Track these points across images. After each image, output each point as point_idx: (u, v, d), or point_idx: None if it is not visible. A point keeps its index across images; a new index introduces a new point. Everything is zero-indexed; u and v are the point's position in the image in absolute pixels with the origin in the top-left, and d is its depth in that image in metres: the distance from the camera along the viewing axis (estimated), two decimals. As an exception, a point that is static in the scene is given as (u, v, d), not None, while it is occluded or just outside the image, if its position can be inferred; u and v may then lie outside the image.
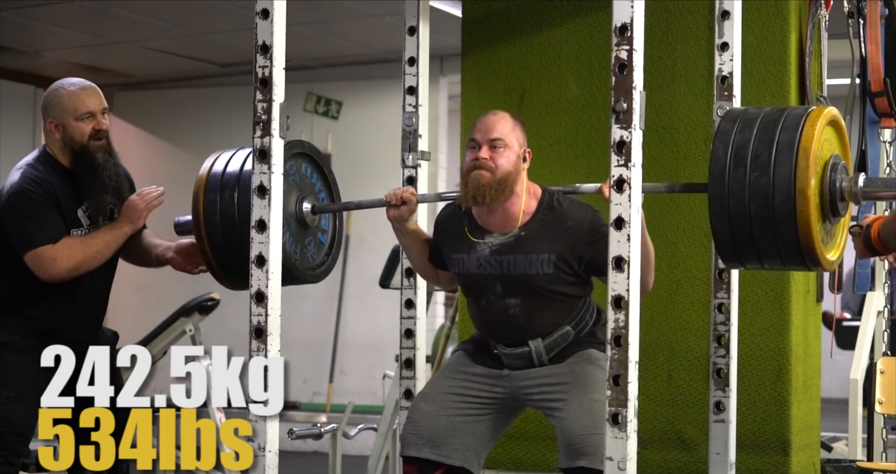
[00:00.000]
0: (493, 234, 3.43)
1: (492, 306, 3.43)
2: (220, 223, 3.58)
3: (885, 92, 4.27)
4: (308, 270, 3.70)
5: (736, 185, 3.11)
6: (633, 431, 2.96)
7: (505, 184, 3.37)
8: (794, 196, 3.06)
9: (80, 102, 3.73)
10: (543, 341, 3.42)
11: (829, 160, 3.19)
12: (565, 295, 3.41)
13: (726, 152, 3.14)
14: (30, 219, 3.61)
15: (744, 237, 3.14)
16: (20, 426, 3.62)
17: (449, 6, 6.85)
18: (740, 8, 3.62)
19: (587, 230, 3.38)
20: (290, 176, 3.61)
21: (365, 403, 8.83)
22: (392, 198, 3.50)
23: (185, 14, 7.87)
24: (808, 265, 3.18)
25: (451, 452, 3.43)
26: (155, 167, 9.85)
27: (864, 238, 3.51)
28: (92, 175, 3.70)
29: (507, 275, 3.40)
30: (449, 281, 3.63)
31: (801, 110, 3.19)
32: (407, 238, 3.58)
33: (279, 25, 3.36)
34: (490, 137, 3.38)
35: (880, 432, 4.82)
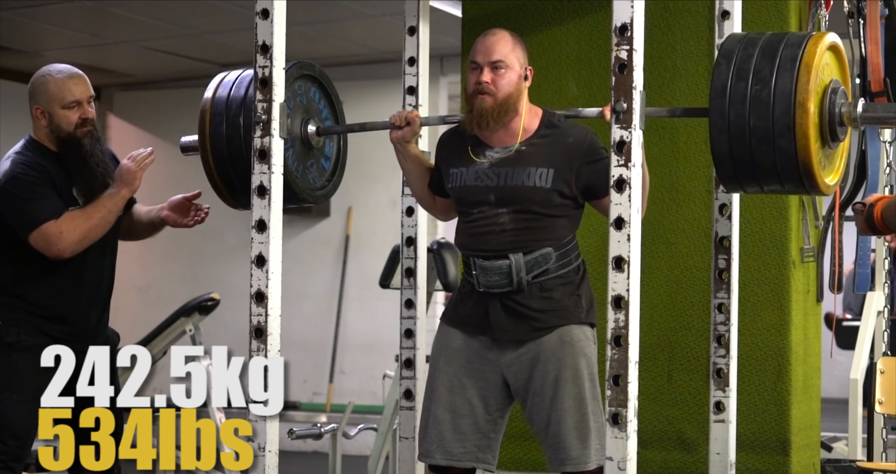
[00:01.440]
0: (493, 149, 3.44)
1: (483, 216, 3.42)
2: (224, 135, 3.59)
3: (885, 92, 4.27)
4: (309, 190, 3.70)
5: (737, 99, 3.12)
6: (633, 431, 2.96)
7: (507, 106, 3.39)
8: (794, 108, 3.07)
9: (67, 91, 3.73)
10: (524, 257, 3.38)
11: (829, 84, 3.20)
12: (556, 216, 3.39)
13: (729, 67, 3.15)
14: (28, 200, 3.63)
15: (743, 152, 3.13)
16: (21, 430, 3.61)
17: (449, 6, 6.85)
18: (740, 8, 3.62)
19: (587, 148, 3.39)
20: (298, 96, 3.60)
21: (365, 403, 8.83)
22: (396, 119, 3.51)
23: (185, 14, 7.87)
24: (806, 187, 3.18)
25: (461, 454, 3.43)
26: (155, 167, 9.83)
27: (866, 216, 3.54)
28: (80, 161, 3.72)
29: (503, 187, 3.40)
30: (445, 209, 3.62)
31: (804, 34, 3.22)
32: (408, 161, 3.58)
33: (279, 25, 3.36)
34: (491, 59, 3.40)
35: (880, 432, 4.83)
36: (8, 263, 3.68)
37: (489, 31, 3.46)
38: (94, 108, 3.79)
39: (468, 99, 3.43)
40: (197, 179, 3.75)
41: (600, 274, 3.29)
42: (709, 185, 3.99)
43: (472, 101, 3.41)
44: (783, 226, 4.17)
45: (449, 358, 3.49)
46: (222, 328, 6.92)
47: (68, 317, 3.67)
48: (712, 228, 3.61)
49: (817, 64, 3.10)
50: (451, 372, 3.47)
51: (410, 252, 3.99)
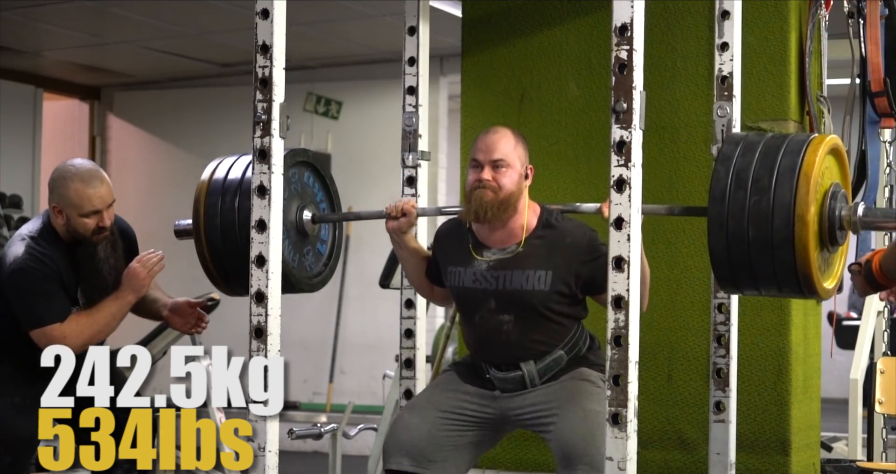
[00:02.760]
0: (492, 250, 3.43)
1: (485, 323, 3.42)
2: (219, 227, 3.58)
3: (885, 92, 4.27)
4: (305, 279, 3.70)
5: (736, 208, 3.12)
6: (633, 431, 2.96)
7: (508, 203, 3.37)
8: (794, 221, 3.07)
9: (87, 200, 3.68)
10: (536, 364, 3.41)
11: (829, 188, 3.19)
12: (559, 314, 3.40)
13: (727, 175, 3.15)
14: (36, 296, 3.61)
15: (741, 261, 3.14)
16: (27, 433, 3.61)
17: (449, 6, 6.85)
18: (740, 8, 3.62)
19: (586, 248, 3.38)
20: (292, 184, 3.61)
21: (365, 403, 8.83)
22: (392, 209, 3.49)
23: (185, 14, 7.87)
24: (805, 292, 3.19)
25: (430, 464, 3.40)
26: (155, 167, 9.85)
27: (864, 273, 3.48)
28: (90, 266, 3.69)
29: (502, 291, 3.39)
30: (444, 297, 3.62)
31: (803, 137, 3.19)
32: (405, 251, 3.57)
33: (279, 25, 3.36)
34: (492, 158, 3.38)
35: (880, 432, 4.82)
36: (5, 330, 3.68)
37: (490, 129, 3.45)
38: (113, 212, 3.75)
39: (467, 194, 3.40)
40: (196, 180, 3.74)
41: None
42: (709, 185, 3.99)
43: (472, 194, 3.38)
44: (783, 226, 4.17)
45: (445, 388, 3.50)
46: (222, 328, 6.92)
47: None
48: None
49: (816, 174, 3.09)
50: (443, 395, 3.47)
51: (410, 252, 3.98)
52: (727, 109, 3.55)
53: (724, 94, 3.57)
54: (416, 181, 3.97)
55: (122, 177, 10.09)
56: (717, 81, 3.61)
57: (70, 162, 3.76)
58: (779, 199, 3.08)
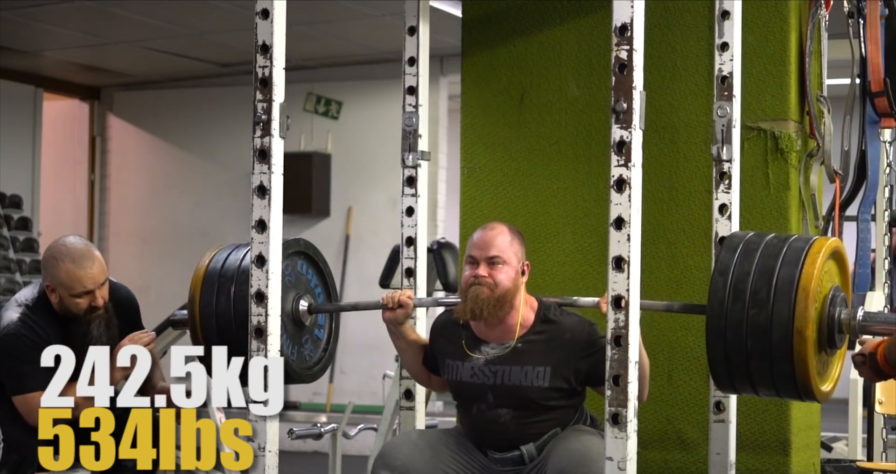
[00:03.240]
0: (489, 345, 3.44)
1: (482, 415, 3.44)
2: (215, 325, 3.57)
3: (885, 92, 4.26)
4: (305, 371, 3.71)
5: (734, 320, 3.14)
6: (633, 431, 2.96)
7: (504, 300, 3.38)
8: (792, 336, 3.08)
9: (77, 282, 3.71)
10: (535, 444, 3.43)
11: (828, 293, 3.20)
12: (557, 407, 3.43)
13: (725, 285, 3.16)
14: (21, 363, 3.63)
15: (740, 369, 3.17)
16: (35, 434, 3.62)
17: (449, 6, 6.86)
18: (740, 8, 3.62)
19: (584, 343, 3.39)
20: (286, 276, 3.58)
21: (365, 403, 8.83)
22: (388, 300, 3.51)
23: (185, 14, 7.88)
24: (803, 397, 3.22)
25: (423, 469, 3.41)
26: (155, 167, 9.84)
27: (870, 365, 3.45)
28: (83, 344, 3.63)
29: (500, 386, 3.41)
30: (441, 385, 3.64)
31: (802, 243, 3.19)
32: (401, 341, 3.59)
33: (279, 25, 3.36)
34: (488, 255, 3.39)
35: (880, 432, 4.82)
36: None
37: (487, 225, 3.46)
38: (106, 291, 3.75)
39: (463, 290, 3.41)
40: (196, 180, 3.74)
41: (600, 274, 3.29)
42: (709, 185, 3.99)
43: (468, 290, 3.38)
44: (783, 226, 4.16)
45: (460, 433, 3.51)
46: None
47: None
48: (712, 228, 3.61)
49: (815, 287, 3.09)
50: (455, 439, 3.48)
51: (410, 252, 3.99)
52: (727, 109, 3.55)
53: (724, 94, 3.57)
54: (416, 181, 3.97)
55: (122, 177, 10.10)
56: (717, 81, 3.61)
57: (62, 240, 3.78)
58: (777, 314, 3.09)
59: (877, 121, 4.49)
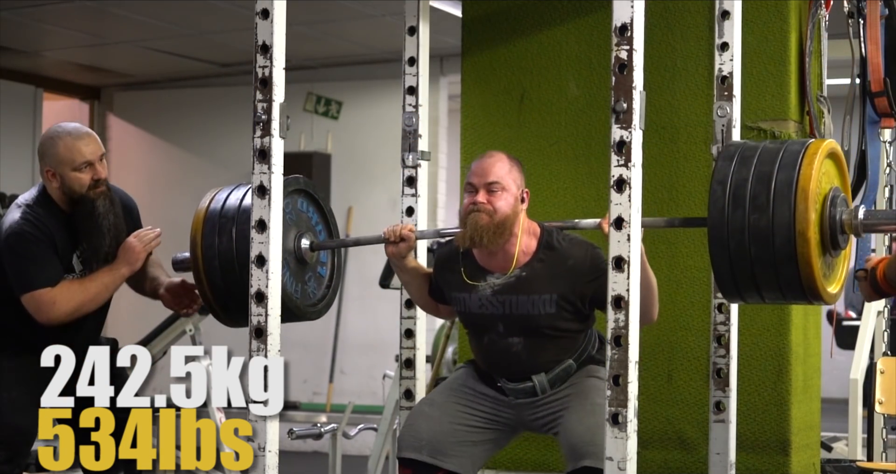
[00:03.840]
0: (493, 275, 3.43)
1: (494, 344, 3.44)
2: (218, 266, 3.56)
3: (885, 92, 4.26)
4: (309, 307, 3.70)
5: (735, 227, 3.11)
6: (633, 431, 2.96)
7: (503, 227, 3.37)
8: (795, 238, 3.06)
9: (77, 153, 3.67)
10: (547, 375, 3.43)
11: (828, 194, 3.18)
12: (568, 330, 3.42)
13: (724, 192, 3.13)
14: (28, 261, 3.60)
15: (745, 276, 3.15)
16: (20, 428, 3.62)
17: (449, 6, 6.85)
18: (740, 8, 3.62)
19: (588, 268, 3.38)
20: (287, 213, 3.58)
21: (365, 403, 8.83)
22: (390, 234, 3.50)
23: (185, 14, 7.87)
24: (811, 299, 3.19)
25: (448, 457, 3.43)
26: (155, 167, 9.84)
27: (870, 281, 3.48)
28: (91, 224, 3.67)
29: (509, 315, 3.40)
30: (449, 313, 3.65)
31: (798, 146, 3.17)
32: (406, 274, 3.59)
33: (279, 25, 3.36)
34: (487, 181, 3.38)
35: (880, 432, 4.82)
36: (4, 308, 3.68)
37: (486, 154, 3.45)
38: (105, 166, 3.75)
39: (462, 218, 3.40)
40: (196, 180, 3.75)
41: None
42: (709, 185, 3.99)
43: (467, 218, 3.38)
44: (783, 226, 4.17)
45: (463, 384, 3.53)
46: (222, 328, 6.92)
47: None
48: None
49: (814, 187, 3.08)
50: (461, 392, 3.51)
51: (410, 252, 3.99)
52: (727, 109, 3.55)
53: (724, 94, 3.57)
54: (416, 181, 3.97)
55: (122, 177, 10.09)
56: (717, 81, 3.61)
57: (54, 125, 3.76)
58: (778, 217, 3.07)
59: (877, 121, 4.49)
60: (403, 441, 3.47)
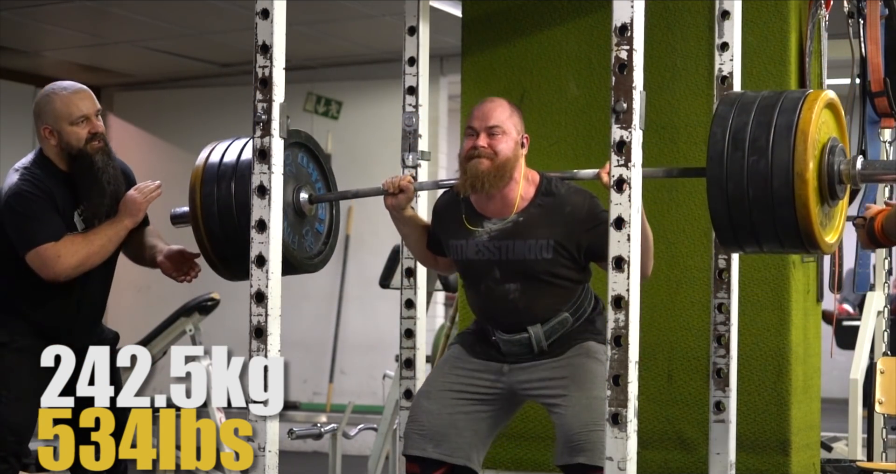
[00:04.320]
0: (491, 220, 3.42)
1: (490, 292, 3.42)
2: (217, 214, 3.57)
3: (885, 92, 4.27)
4: (306, 260, 3.70)
5: (734, 169, 3.12)
6: (633, 431, 2.96)
7: (504, 171, 3.37)
8: (793, 180, 3.06)
9: (74, 107, 3.69)
10: (542, 327, 3.41)
11: (826, 143, 3.19)
12: (564, 279, 3.40)
13: (724, 136, 3.14)
14: (30, 219, 3.61)
15: (742, 220, 3.14)
16: (19, 426, 3.62)
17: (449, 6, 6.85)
18: (740, 8, 3.62)
19: (586, 215, 3.38)
20: (287, 166, 3.60)
21: (365, 403, 8.82)
22: (389, 186, 3.49)
23: (185, 14, 7.87)
24: (808, 248, 3.19)
25: (454, 450, 3.43)
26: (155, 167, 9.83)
27: (867, 230, 3.51)
28: (91, 178, 3.69)
29: (505, 261, 3.39)
30: (448, 266, 3.63)
31: (798, 93, 3.19)
32: (405, 226, 3.58)
33: (279, 25, 3.36)
34: (488, 124, 3.38)
35: (880, 432, 4.83)
36: (6, 275, 3.68)
37: (486, 99, 3.45)
38: (102, 122, 3.76)
39: (462, 163, 3.40)
40: (197, 179, 3.74)
41: (600, 274, 3.29)
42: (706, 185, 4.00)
43: (467, 164, 3.37)
44: (783, 226, 4.17)
45: (454, 365, 3.51)
46: (222, 328, 6.92)
47: (58, 329, 3.66)
48: (712, 228, 3.60)
49: (813, 131, 3.09)
50: (453, 375, 3.48)
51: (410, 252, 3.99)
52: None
53: (724, 94, 3.57)
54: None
55: (122, 177, 10.09)
56: (717, 81, 3.61)
57: (49, 84, 3.77)
58: (777, 159, 3.07)
59: (877, 121, 4.50)
60: (408, 438, 3.47)
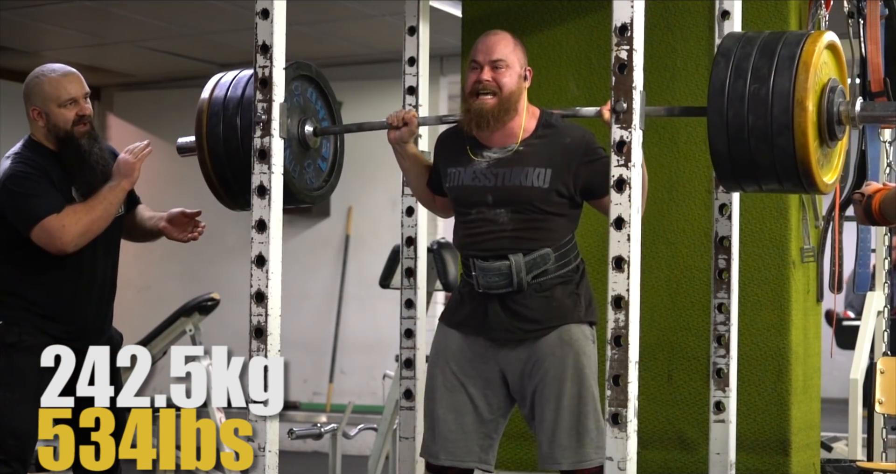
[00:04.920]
0: (492, 150, 3.44)
1: (481, 216, 3.41)
2: (221, 136, 3.60)
3: (885, 92, 4.27)
4: (306, 191, 3.70)
5: (735, 97, 3.13)
6: (633, 431, 2.96)
7: (508, 105, 3.39)
8: (793, 107, 3.07)
9: (62, 89, 3.74)
10: (524, 257, 3.38)
11: (827, 83, 3.20)
12: (555, 214, 3.39)
13: (727, 66, 3.16)
14: (29, 196, 3.63)
15: (741, 151, 3.14)
16: (21, 430, 3.61)
17: (449, 6, 6.85)
18: (740, 8, 3.62)
19: (584, 148, 3.39)
20: (295, 96, 3.60)
21: (365, 403, 8.82)
22: (394, 119, 3.50)
23: (185, 14, 7.87)
24: (805, 185, 3.19)
25: (466, 454, 3.44)
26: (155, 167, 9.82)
27: (864, 207, 3.53)
28: (79, 160, 3.72)
29: (500, 187, 3.39)
30: (445, 207, 3.62)
31: (801, 32, 3.22)
32: (407, 161, 3.58)
33: (279, 25, 3.36)
34: (492, 58, 3.39)
35: (880, 432, 4.82)
36: (8, 263, 3.69)
37: (489, 32, 3.46)
38: (90, 105, 3.79)
39: (466, 98, 3.41)
40: (196, 179, 3.75)
41: (600, 274, 3.29)
42: (709, 185, 3.99)
43: (471, 101, 3.39)
44: (783, 226, 4.17)
45: (448, 359, 3.49)
46: (222, 328, 6.93)
47: (69, 316, 3.67)
48: (712, 228, 3.61)
49: (815, 62, 3.11)
50: (450, 373, 3.47)
51: (410, 252, 3.99)
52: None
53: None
54: (416, 181, 3.96)
55: (122, 177, 10.08)
56: (717, 81, 3.60)
57: (38, 67, 3.82)
58: (778, 86, 3.09)
59: (877, 121, 4.49)
60: (424, 447, 3.50)
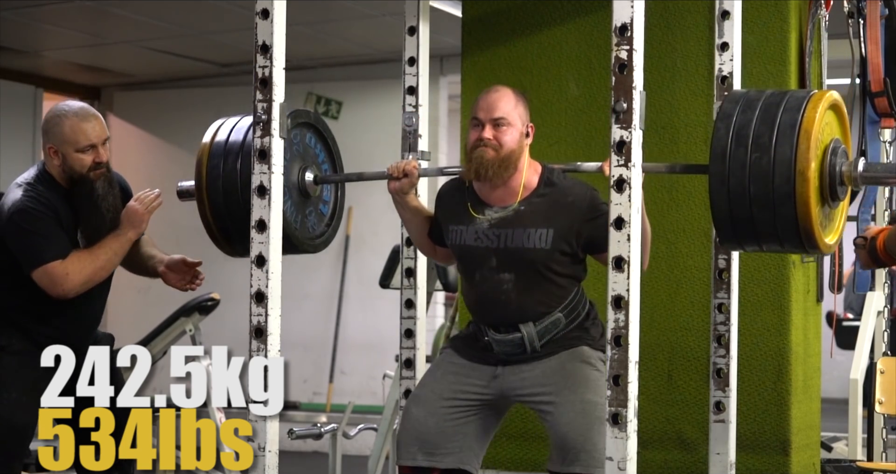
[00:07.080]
0: (493, 208, 3.42)
1: (485, 281, 3.41)
2: (221, 188, 3.58)
3: (885, 92, 4.27)
4: (308, 240, 3.70)
5: (736, 165, 3.12)
6: (633, 431, 2.96)
7: (509, 161, 3.37)
8: (794, 177, 3.07)
9: (82, 134, 3.67)
10: (535, 326, 3.39)
11: (829, 144, 3.20)
12: (559, 275, 3.39)
13: (728, 132, 3.15)
14: (36, 235, 3.60)
15: (743, 217, 3.15)
16: (19, 427, 3.62)
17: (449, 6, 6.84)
18: (740, 8, 3.62)
19: (587, 207, 3.38)
20: (294, 145, 3.60)
21: (365, 403, 8.82)
22: (394, 170, 3.49)
23: (185, 14, 7.87)
24: (807, 248, 3.19)
25: (444, 456, 3.42)
26: (155, 167, 9.84)
27: (868, 250, 3.51)
28: (90, 204, 3.68)
29: (503, 249, 3.39)
30: (446, 257, 3.62)
31: (802, 93, 3.20)
32: (407, 211, 3.58)
33: (279, 25, 3.36)
34: (493, 116, 3.38)
35: (880, 432, 4.82)
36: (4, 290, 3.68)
37: (491, 88, 3.44)
38: (108, 150, 3.75)
39: (468, 153, 3.40)
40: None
41: (600, 274, 3.29)
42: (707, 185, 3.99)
43: (473, 153, 3.38)
44: (783, 226, 4.16)
45: (446, 370, 3.49)
46: (222, 328, 6.92)
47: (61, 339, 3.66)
48: (712, 228, 3.61)
49: (817, 130, 3.10)
50: (444, 381, 3.47)
51: (410, 252, 3.99)
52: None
53: (724, 94, 3.57)
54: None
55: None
56: (717, 81, 3.61)
57: (62, 104, 3.76)
58: (779, 156, 3.08)
59: (877, 121, 4.50)
60: (399, 447, 3.47)
